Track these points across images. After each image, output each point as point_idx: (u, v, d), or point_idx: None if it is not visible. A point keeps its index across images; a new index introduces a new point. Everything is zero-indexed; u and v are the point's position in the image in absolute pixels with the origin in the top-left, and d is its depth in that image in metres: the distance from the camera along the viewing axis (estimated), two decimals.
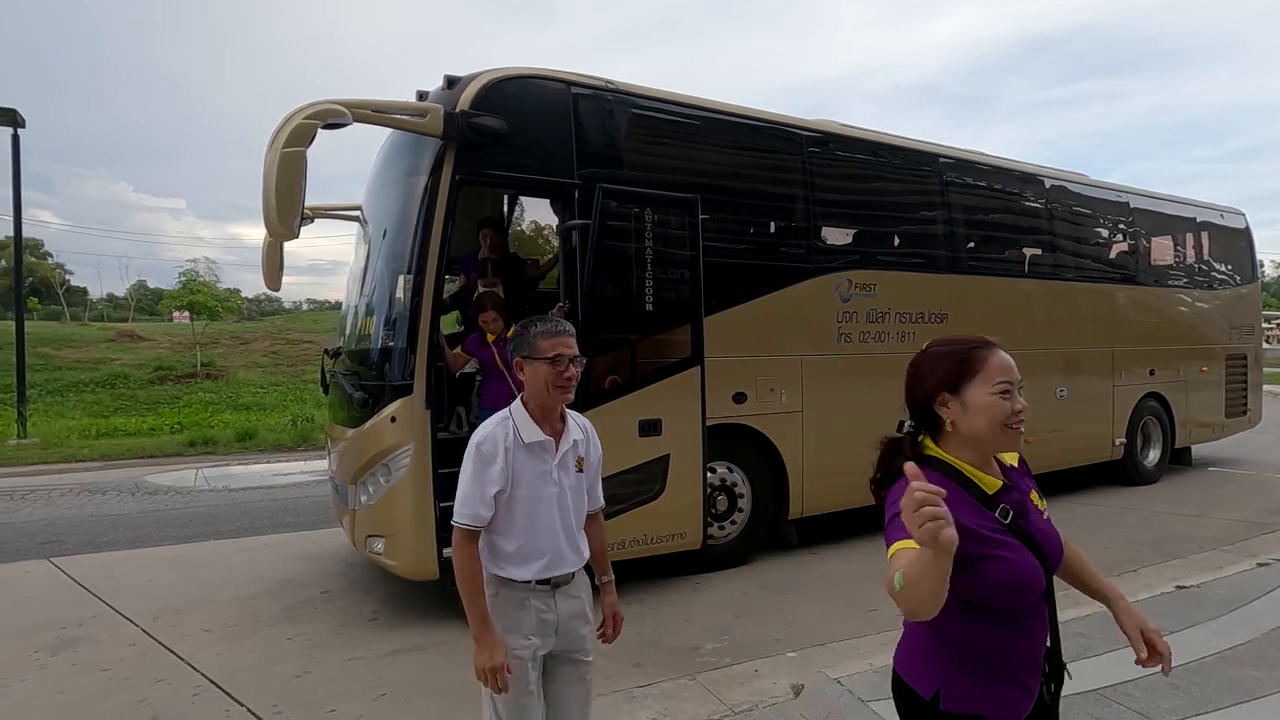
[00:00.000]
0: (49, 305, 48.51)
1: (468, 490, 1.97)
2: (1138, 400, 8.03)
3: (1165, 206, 8.70)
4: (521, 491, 1.99)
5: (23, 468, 10.61)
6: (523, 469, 1.99)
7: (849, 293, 5.73)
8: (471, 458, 1.98)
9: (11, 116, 12.97)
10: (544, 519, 2.01)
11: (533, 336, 2.05)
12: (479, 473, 1.96)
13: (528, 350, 2.03)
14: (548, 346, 2.01)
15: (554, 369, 2.00)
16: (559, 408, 2.07)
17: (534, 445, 2.01)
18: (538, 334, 2.04)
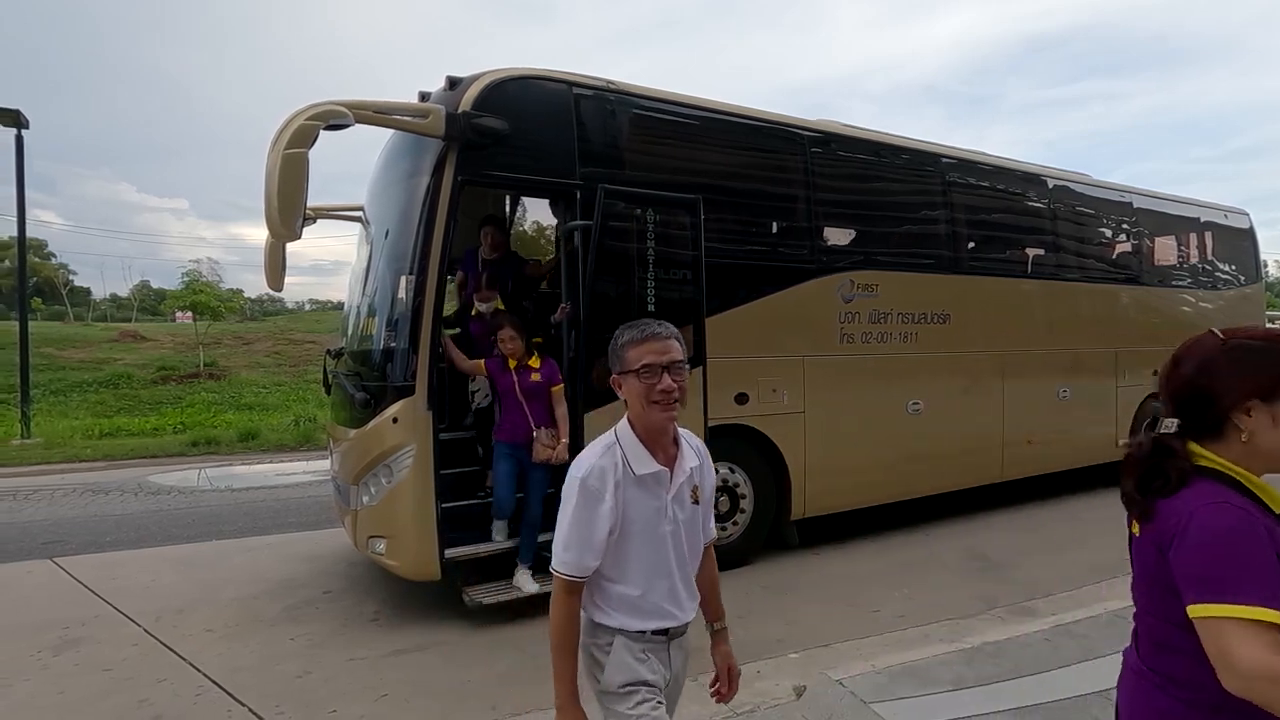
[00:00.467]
0: (52, 305, 48.65)
1: (571, 534, 1.66)
2: (1141, 401, 8.00)
3: (1168, 206, 8.67)
4: (634, 530, 1.70)
5: (26, 467, 10.64)
6: (634, 505, 1.70)
7: (851, 293, 5.72)
8: (575, 495, 1.67)
9: (15, 117, 13.01)
10: (659, 561, 1.74)
11: (619, 347, 1.75)
12: (585, 514, 1.66)
13: (618, 365, 1.75)
14: (634, 356, 1.71)
15: (645, 382, 1.69)
16: (669, 430, 1.76)
17: (646, 478, 1.71)
18: (624, 344, 1.74)
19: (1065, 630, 3.83)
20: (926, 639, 3.85)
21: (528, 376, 4.34)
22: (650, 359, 1.69)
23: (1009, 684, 3.24)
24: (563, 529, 1.68)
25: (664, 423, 1.72)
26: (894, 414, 6.01)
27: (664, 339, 1.72)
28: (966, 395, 6.51)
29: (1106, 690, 3.14)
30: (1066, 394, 7.28)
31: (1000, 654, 3.56)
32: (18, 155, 13.20)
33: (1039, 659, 3.48)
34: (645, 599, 1.73)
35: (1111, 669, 3.40)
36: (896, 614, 4.31)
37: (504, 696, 3.36)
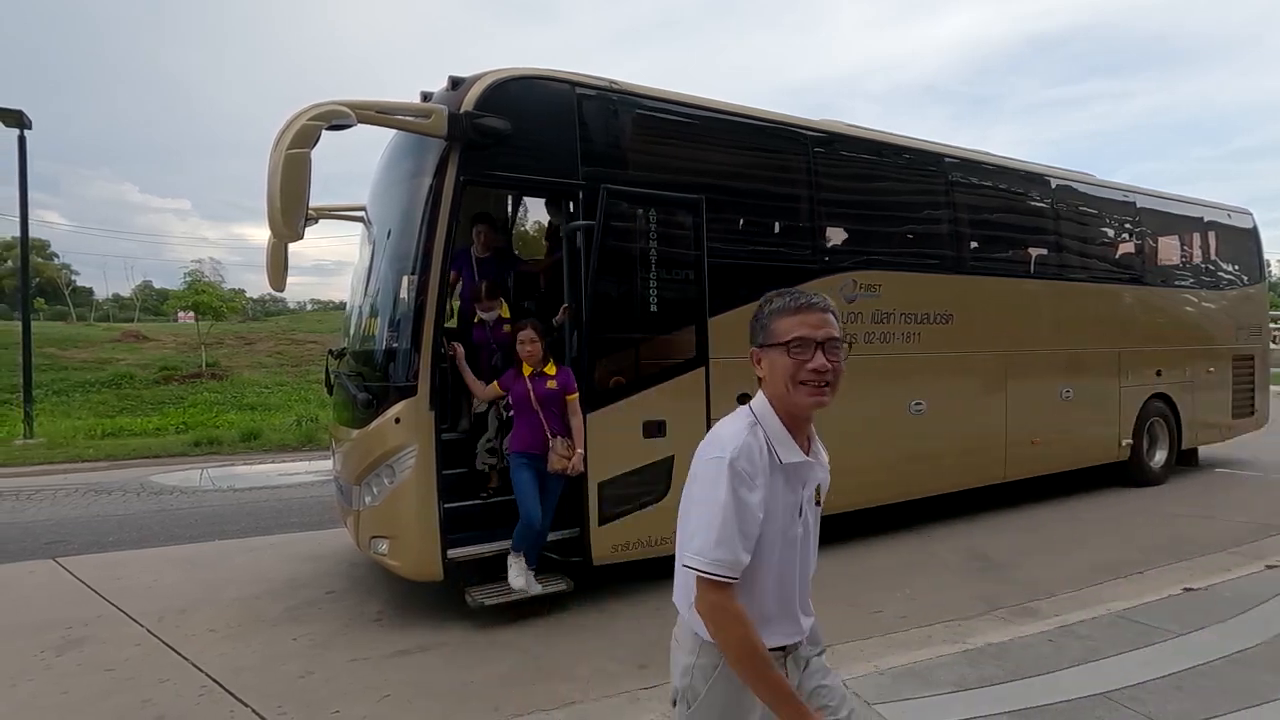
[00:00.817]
0: (55, 306, 48.73)
1: (725, 526, 1.40)
2: (1144, 401, 7.99)
3: (1172, 206, 8.65)
4: (772, 529, 1.47)
5: (29, 467, 10.65)
6: (775, 499, 1.48)
7: (854, 293, 5.71)
8: (722, 479, 1.41)
9: (18, 118, 13.02)
10: (790, 569, 1.54)
11: (767, 317, 1.53)
12: (737, 500, 1.41)
13: (762, 336, 1.53)
14: (786, 327, 1.48)
15: (795, 359, 1.47)
16: (811, 417, 1.55)
17: (791, 468, 1.51)
18: (774, 312, 1.52)
19: (1069, 631, 3.82)
20: (929, 640, 3.85)
21: (543, 384, 4.25)
22: (804, 332, 1.47)
23: (1012, 685, 3.23)
24: (710, 521, 1.41)
25: (811, 408, 1.50)
26: (896, 414, 6.00)
27: (821, 311, 1.50)
28: (969, 396, 6.50)
29: (1111, 691, 3.13)
30: (1069, 394, 7.27)
31: (1003, 655, 3.55)
32: (20, 156, 13.21)
33: (1042, 660, 3.47)
34: (776, 613, 1.50)
35: (1116, 670, 3.41)
36: (899, 614, 4.30)
37: (506, 697, 3.36)
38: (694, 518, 1.46)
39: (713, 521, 1.41)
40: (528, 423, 4.26)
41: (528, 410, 4.25)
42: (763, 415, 1.52)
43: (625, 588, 4.76)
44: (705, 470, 1.46)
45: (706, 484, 1.45)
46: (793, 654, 1.59)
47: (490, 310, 4.93)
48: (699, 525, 1.44)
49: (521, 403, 4.27)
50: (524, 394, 4.25)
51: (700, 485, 1.46)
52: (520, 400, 4.28)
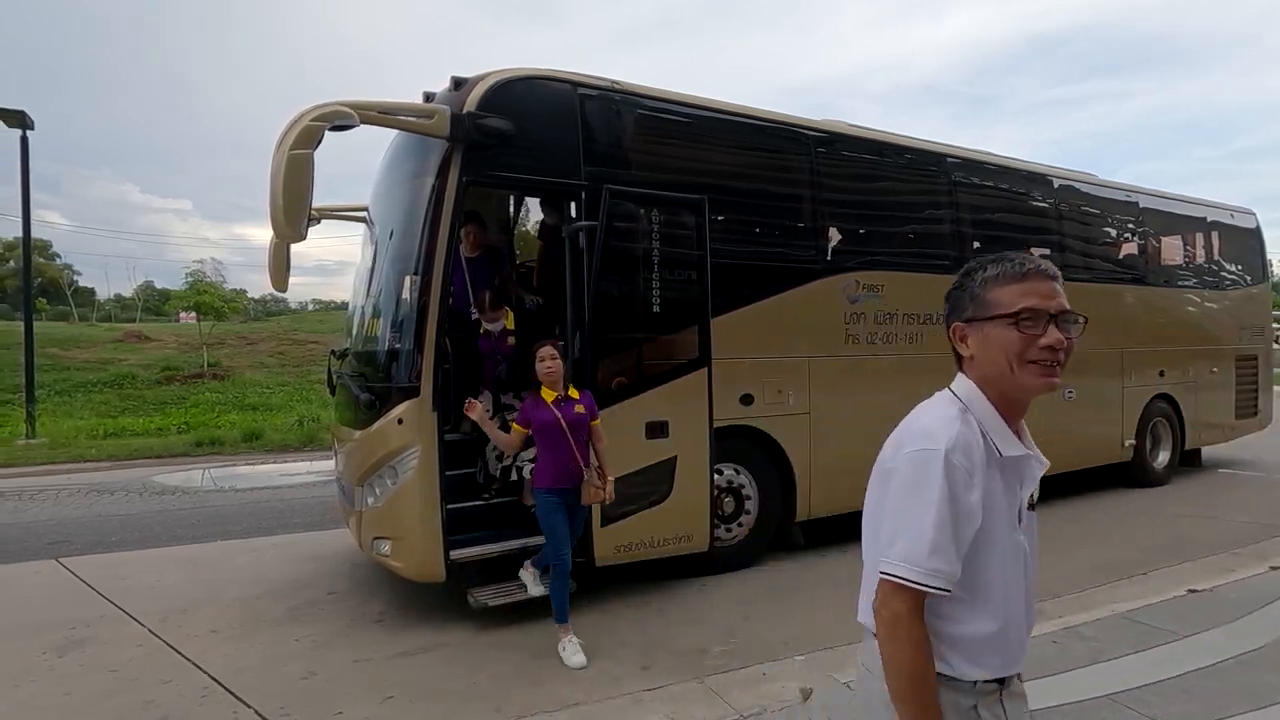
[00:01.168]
0: (57, 306, 48.77)
1: (935, 528, 1.20)
2: (1147, 401, 7.97)
3: (1175, 206, 8.64)
4: (993, 534, 1.26)
5: (31, 467, 10.66)
6: (995, 501, 1.26)
7: (856, 294, 5.70)
8: (936, 474, 1.21)
9: (20, 118, 13.03)
10: (1017, 583, 1.30)
11: (979, 286, 1.31)
12: (953, 499, 1.21)
13: (974, 308, 1.31)
14: (1010, 297, 1.27)
15: (1024, 333, 1.25)
16: (1028, 405, 1.32)
17: (1010, 463, 1.29)
18: (990, 280, 1.30)
19: (1073, 632, 3.81)
20: None
21: (571, 409, 3.85)
22: (1033, 302, 1.25)
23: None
24: (921, 523, 1.21)
25: (1039, 390, 1.28)
26: (899, 415, 5.92)
27: (1049, 278, 1.28)
28: None
29: (1116, 694, 3.12)
30: (1072, 394, 7.25)
31: None
32: (23, 156, 13.23)
33: (1046, 661, 3.46)
34: (1001, 635, 1.28)
35: (1122, 672, 3.40)
36: None
37: (509, 699, 3.36)
38: (896, 519, 1.25)
39: (924, 524, 1.20)
40: (556, 455, 3.79)
41: (557, 440, 3.78)
42: (972, 401, 1.31)
43: (628, 588, 4.75)
44: (910, 464, 1.25)
45: (912, 480, 1.23)
46: (1008, 688, 1.33)
47: (495, 321, 4.88)
48: (903, 527, 1.23)
49: (550, 432, 3.79)
50: (552, 422, 3.78)
51: (903, 482, 1.25)
52: (549, 429, 3.79)
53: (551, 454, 3.80)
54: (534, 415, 3.83)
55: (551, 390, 3.85)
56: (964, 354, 1.36)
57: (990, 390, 1.31)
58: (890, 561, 1.24)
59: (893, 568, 1.23)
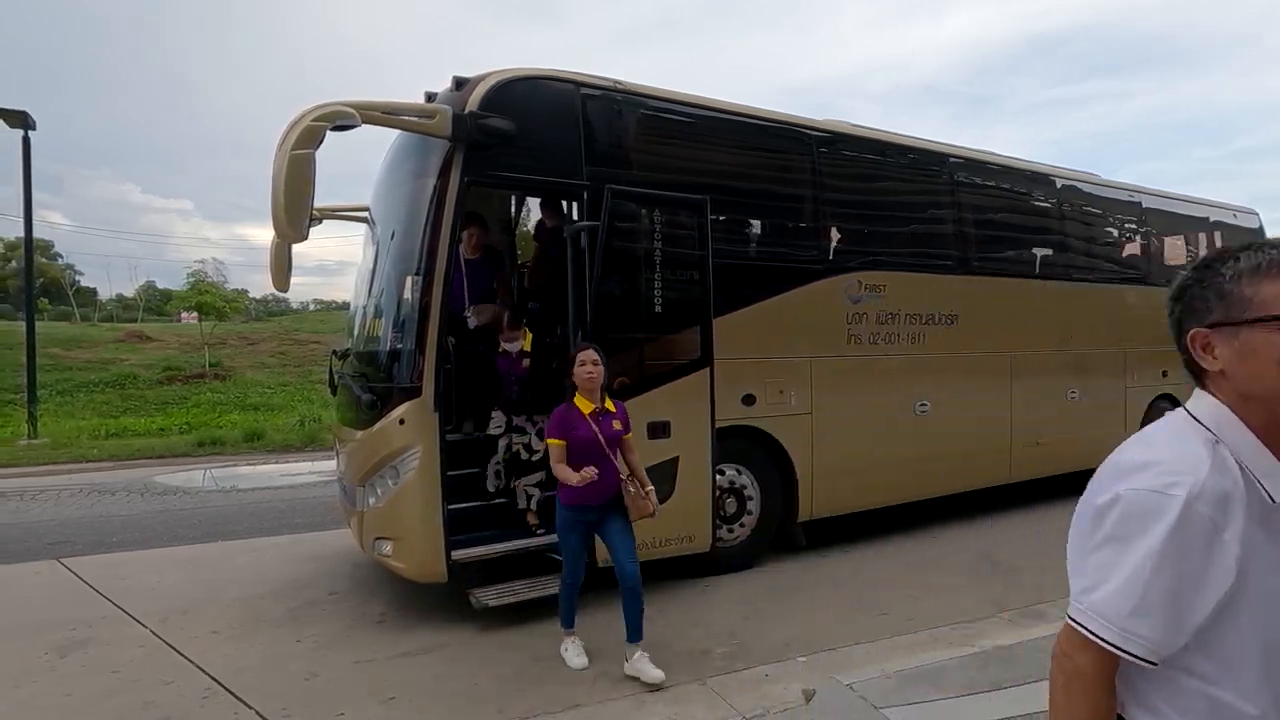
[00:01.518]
0: (59, 306, 48.81)
1: (1154, 589, 0.98)
2: (1150, 402, 7.95)
3: (1177, 206, 8.62)
4: (1252, 598, 1.00)
5: (33, 468, 10.67)
6: (1257, 557, 0.99)
7: (858, 294, 5.69)
8: (1159, 519, 0.98)
9: (22, 119, 13.04)
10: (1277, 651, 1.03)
11: (1230, 281, 1.05)
12: (1185, 560, 0.98)
13: (1221, 308, 1.05)
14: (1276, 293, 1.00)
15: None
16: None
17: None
18: (1246, 273, 1.03)
19: None
20: (936, 642, 3.83)
21: (610, 424, 3.55)
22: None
23: (1021, 689, 3.20)
24: (1130, 574, 1.00)
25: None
26: (901, 415, 5.98)
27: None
28: (974, 396, 6.47)
29: None
30: (1075, 395, 7.24)
31: (1012, 658, 3.52)
32: (24, 157, 13.24)
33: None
34: (1265, 709, 1.02)
35: None
36: (905, 616, 4.27)
37: (511, 700, 3.35)
38: (1100, 567, 1.04)
39: (1134, 577, 0.99)
40: (599, 468, 3.42)
41: (594, 457, 3.44)
42: (1224, 428, 1.04)
43: None
44: (1131, 505, 1.01)
45: (1129, 525, 1.01)
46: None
47: (513, 341, 4.71)
48: (1107, 577, 1.02)
49: (587, 448, 3.46)
50: (590, 438, 3.47)
51: (1117, 524, 1.02)
52: (586, 446, 3.46)
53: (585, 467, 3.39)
54: (570, 430, 3.44)
55: (588, 400, 3.50)
56: (1210, 368, 1.08)
57: (1254, 414, 1.03)
58: (1081, 609, 1.05)
59: (1082, 617, 1.04)
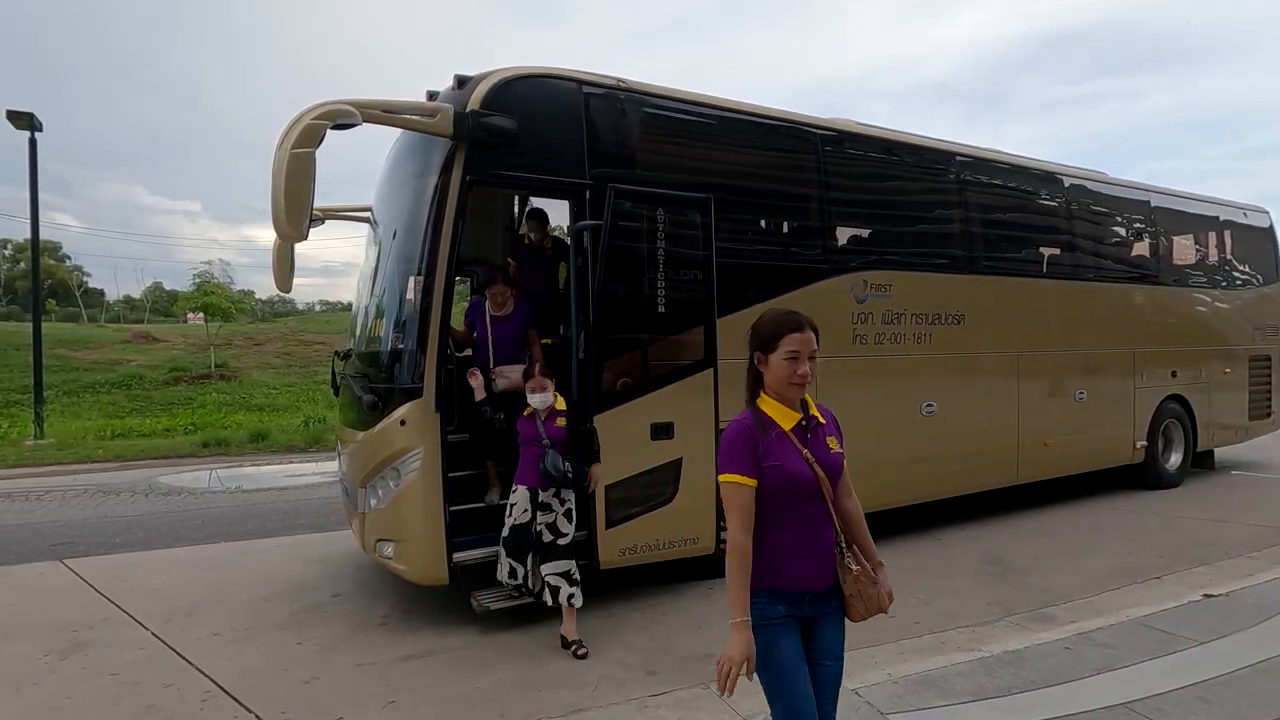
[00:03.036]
0: (66, 307, 49.08)
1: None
2: (1159, 402, 7.87)
3: (1187, 205, 8.53)
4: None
5: (39, 468, 10.71)
6: None
7: (864, 294, 5.64)
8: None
9: (29, 120, 13.10)
10: None
11: None
12: None
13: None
14: None
15: None
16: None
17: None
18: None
19: (1087, 638, 3.74)
20: (943, 646, 3.78)
21: (823, 442, 2.41)
22: None
23: (1031, 694, 3.15)
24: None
25: None
26: (907, 416, 5.92)
27: None
28: (981, 397, 6.41)
29: (1132, 702, 3.05)
30: (1083, 395, 7.17)
31: (1021, 663, 3.47)
32: (31, 158, 13.30)
33: (1061, 668, 3.39)
34: None
35: (1137, 679, 3.33)
36: (911, 620, 4.22)
37: (513, 704, 3.31)
38: None
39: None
40: (803, 532, 1.99)
41: (810, 503, 2.31)
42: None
43: (633, 591, 4.70)
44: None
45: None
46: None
47: (542, 391, 3.95)
48: None
49: (801, 491, 2.21)
50: (805, 475, 2.39)
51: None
52: (800, 488, 2.39)
53: (793, 528, 1.97)
54: (766, 458, 1.95)
55: (790, 409, 2.01)
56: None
57: None
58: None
59: None
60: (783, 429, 1.99)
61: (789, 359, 1.97)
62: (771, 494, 1.94)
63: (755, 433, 1.97)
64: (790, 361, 1.97)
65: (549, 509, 3.95)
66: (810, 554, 1.99)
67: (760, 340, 2.03)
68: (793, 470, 1.96)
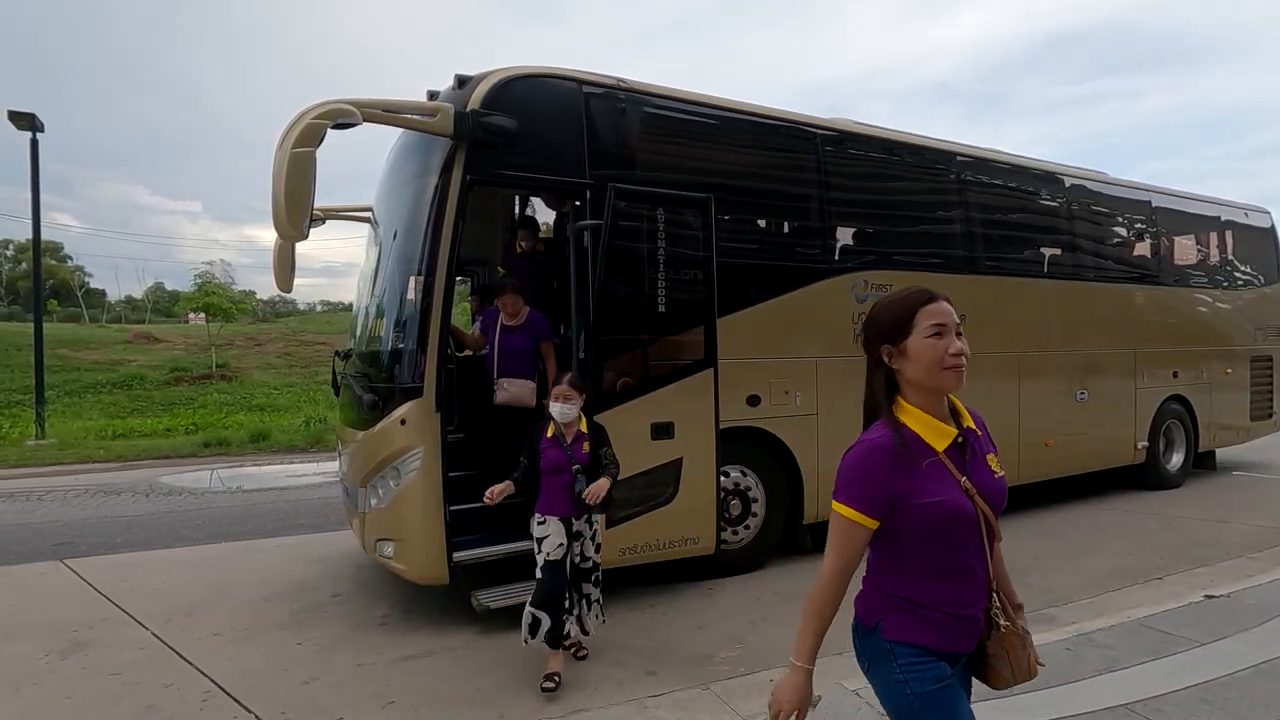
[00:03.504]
0: (68, 307, 49.13)
1: None
2: (1160, 403, 7.86)
3: (1188, 205, 8.52)
4: None
5: (40, 468, 10.72)
6: None
7: (865, 294, 5.63)
8: None
9: (30, 121, 13.12)
10: None
11: None
12: None
13: None
14: None
15: None
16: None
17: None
18: None
19: (1087, 639, 3.73)
20: None
21: (984, 464, 1.77)
22: None
23: (1031, 695, 3.14)
24: None
25: None
26: None
27: None
28: (982, 397, 6.37)
29: (1133, 703, 3.05)
30: (1084, 396, 7.16)
31: None
32: (33, 158, 13.31)
33: (1062, 669, 3.38)
34: None
35: (1138, 680, 3.32)
36: None
37: (512, 704, 3.31)
38: None
39: None
40: (960, 579, 1.69)
41: (971, 547, 1.97)
42: None
43: (633, 592, 4.70)
44: None
45: None
46: None
47: (568, 404, 3.52)
48: None
49: (961, 529, 2.17)
50: (965, 510, 2.26)
51: None
52: (956, 524, 1.91)
53: (951, 577, 1.59)
54: (929, 492, 1.54)
55: (941, 420, 1.62)
56: None
57: None
58: None
59: None
60: (935, 451, 1.55)
61: (934, 334, 1.53)
62: (925, 535, 1.53)
63: (896, 458, 1.52)
64: (937, 338, 1.53)
65: (580, 536, 3.61)
66: (974, 606, 1.59)
67: (883, 328, 1.58)
68: (955, 507, 1.53)
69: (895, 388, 1.60)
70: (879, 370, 1.61)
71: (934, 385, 1.55)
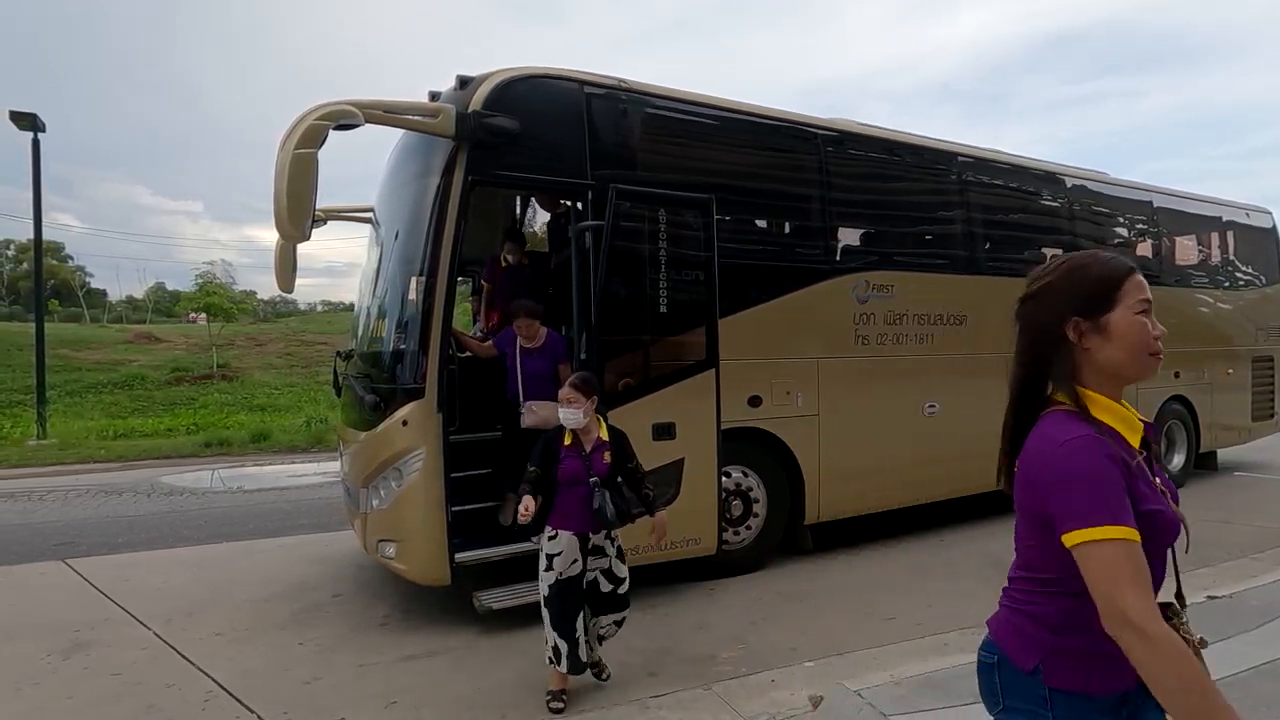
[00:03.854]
0: (69, 307, 49.16)
1: None
2: (1161, 403, 7.86)
3: (1189, 205, 8.52)
4: None
5: (41, 468, 10.72)
6: None
7: (866, 294, 5.63)
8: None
9: (32, 121, 13.13)
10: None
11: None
12: None
13: None
14: None
15: None
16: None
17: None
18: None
19: None
20: (945, 648, 3.77)
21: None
22: None
23: None
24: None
25: None
26: (909, 417, 5.91)
27: None
28: (984, 397, 6.38)
29: None
30: None
31: None
32: (34, 159, 13.32)
33: None
34: None
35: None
36: (914, 621, 4.22)
37: (514, 705, 3.31)
38: None
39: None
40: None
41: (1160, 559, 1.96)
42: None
43: (635, 592, 4.68)
44: None
45: None
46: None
47: (577, 408, 3.25)
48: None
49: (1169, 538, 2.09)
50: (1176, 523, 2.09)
51: None
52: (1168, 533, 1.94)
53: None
54: (1148, 500, 1.26)
55: (1129, 412, 1.32)
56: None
57: None
58: None
59: None
60: (1136, 451, 1.27)
61: (1143, 311, 1.29)
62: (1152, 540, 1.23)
63: (1117, 458, 1.20)
64: (1144, 317, 1.28)
65: (602, 553, 3.31)
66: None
67: (1078, 297, 1.31)
68: (1172, 517, 1.27)
69: (1075, 372, 1.29)
70: (1060, 347, 1.30)
71: (1136, 372, 1.27)
